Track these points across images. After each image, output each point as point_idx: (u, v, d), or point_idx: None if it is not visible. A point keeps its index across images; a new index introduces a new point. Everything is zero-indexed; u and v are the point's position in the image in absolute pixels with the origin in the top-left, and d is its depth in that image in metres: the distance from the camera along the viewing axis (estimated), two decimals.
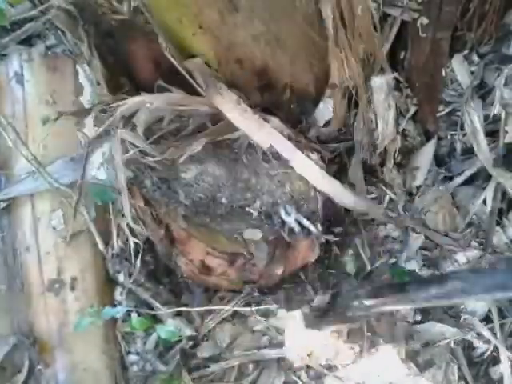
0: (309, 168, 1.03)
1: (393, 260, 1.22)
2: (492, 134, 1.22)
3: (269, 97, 1.12)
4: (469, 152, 1.25)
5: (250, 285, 1.17)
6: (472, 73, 1.24)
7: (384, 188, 1.23)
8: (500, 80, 1.17)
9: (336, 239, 1.21)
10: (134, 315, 1.16)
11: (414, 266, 1.20)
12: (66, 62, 1.26)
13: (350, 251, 1.25)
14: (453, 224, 1.24)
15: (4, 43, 1.44)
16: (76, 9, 0.96)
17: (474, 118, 1.21)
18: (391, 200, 1.23)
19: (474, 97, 1.22)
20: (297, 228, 1.05)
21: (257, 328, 1.21)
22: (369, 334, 1.13)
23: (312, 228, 1.05)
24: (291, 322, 1.13)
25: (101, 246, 1.19)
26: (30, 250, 1.19)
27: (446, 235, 1.22)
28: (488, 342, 1.05)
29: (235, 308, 1.17)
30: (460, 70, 1.23)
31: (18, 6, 1.59)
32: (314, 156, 1.04)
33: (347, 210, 1.16)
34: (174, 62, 1.01)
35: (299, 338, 1.12)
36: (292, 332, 1.13)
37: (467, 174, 1.25)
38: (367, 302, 0.93)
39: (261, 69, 1.06)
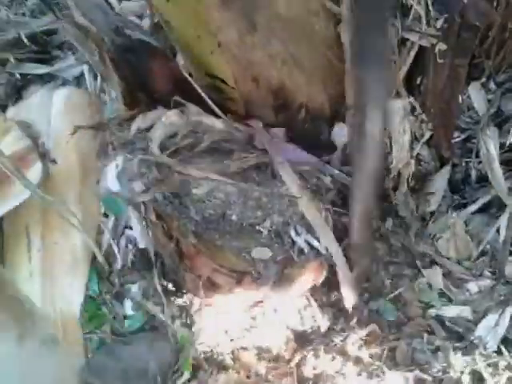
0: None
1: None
2: (507, 163, 1.21)
3: (284, 116, 1.13)
4: (484, 180, 1.24)
5: None
6: (489, 100, 1.23)
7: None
8: None
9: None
10: None
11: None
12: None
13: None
14: (465, 252, 1.22)
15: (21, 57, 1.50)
16: (93, 24, 0.97)
17: (489, 145, 1.20)
18: (404, 225, 1.22)
19: (490, 124, 1.21)
20: (306, 249, 1.04)
21: None
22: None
23: (322, 249, 1.04)
24: None
25: (100, 258, 1.20)
26: None
27: (459, 263, 1.20)
28: (499, 374, 1.03)
29: None
30: (477, 97, 1.23)
31: (42, 17, 1.64)
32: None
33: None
34: (190, 79, 1.02)
35: None
36: None
37: (481, 201, 1.24)
38: None
39: (277, 88, 1.06)
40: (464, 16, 0.95)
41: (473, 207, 1.24)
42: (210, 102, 1.04)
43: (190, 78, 1.03)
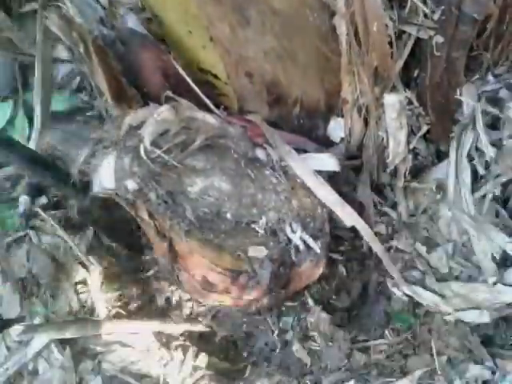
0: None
1: None
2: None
3: (278, 111, 1.11)
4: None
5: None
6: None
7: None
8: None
9: (342, 258, 1.19)
10: None
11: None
12: None
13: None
14: None
15: None
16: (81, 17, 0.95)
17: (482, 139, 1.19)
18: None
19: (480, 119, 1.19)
20: (302, 246, 1.03)
21: None
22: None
23: (316, 247, 1.03)
24: None
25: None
26: None
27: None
28: None
29: None
30: (468, 92, 1.20)
31: None
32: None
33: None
34: (183, 73, 1.00)
35: None
36: None
37: (479, 195, 1.22)
38: None
39: (271, 83, 1.04)
40: (461, 8, 0.93)
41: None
42: (202, 96, 1.02)
43: (182, 72, 1.00)
